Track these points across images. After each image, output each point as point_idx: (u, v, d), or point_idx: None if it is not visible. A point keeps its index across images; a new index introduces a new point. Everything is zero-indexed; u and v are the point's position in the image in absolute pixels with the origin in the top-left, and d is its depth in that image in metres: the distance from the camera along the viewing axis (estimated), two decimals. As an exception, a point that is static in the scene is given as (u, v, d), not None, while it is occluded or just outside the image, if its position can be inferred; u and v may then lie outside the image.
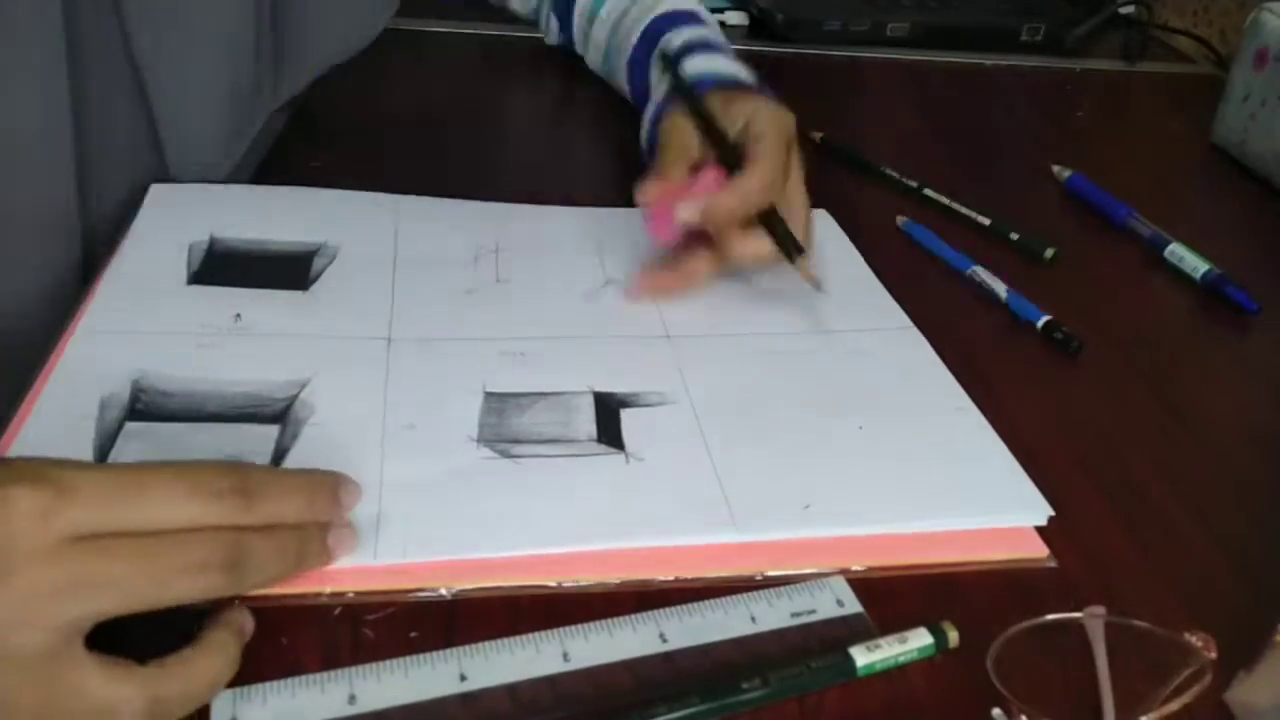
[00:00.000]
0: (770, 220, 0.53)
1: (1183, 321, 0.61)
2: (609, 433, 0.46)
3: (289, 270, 0.54)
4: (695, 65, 0.62)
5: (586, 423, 0.46)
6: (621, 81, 0.73)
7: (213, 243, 0.55)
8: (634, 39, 0.69)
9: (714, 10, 0.98)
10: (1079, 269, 0.64)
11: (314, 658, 0.36)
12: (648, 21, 0.68)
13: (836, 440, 0.47)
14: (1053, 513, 0.44)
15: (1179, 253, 0.65)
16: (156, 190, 0.59)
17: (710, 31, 0.66)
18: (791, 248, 0.53)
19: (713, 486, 0.43)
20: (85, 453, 0.41)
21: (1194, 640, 0.38)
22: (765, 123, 0.54)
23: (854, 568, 0.41)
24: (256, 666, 0.35)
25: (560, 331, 0.52)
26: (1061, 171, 0.74)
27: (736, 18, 0.99)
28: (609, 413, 0.47)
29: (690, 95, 0.58)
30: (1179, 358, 0.57)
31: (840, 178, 0.71)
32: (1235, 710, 0.37)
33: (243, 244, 0.56)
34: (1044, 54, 0.99)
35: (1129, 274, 0.65)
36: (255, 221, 0.57)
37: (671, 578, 0.40)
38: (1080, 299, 0.61)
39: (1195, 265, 0.63)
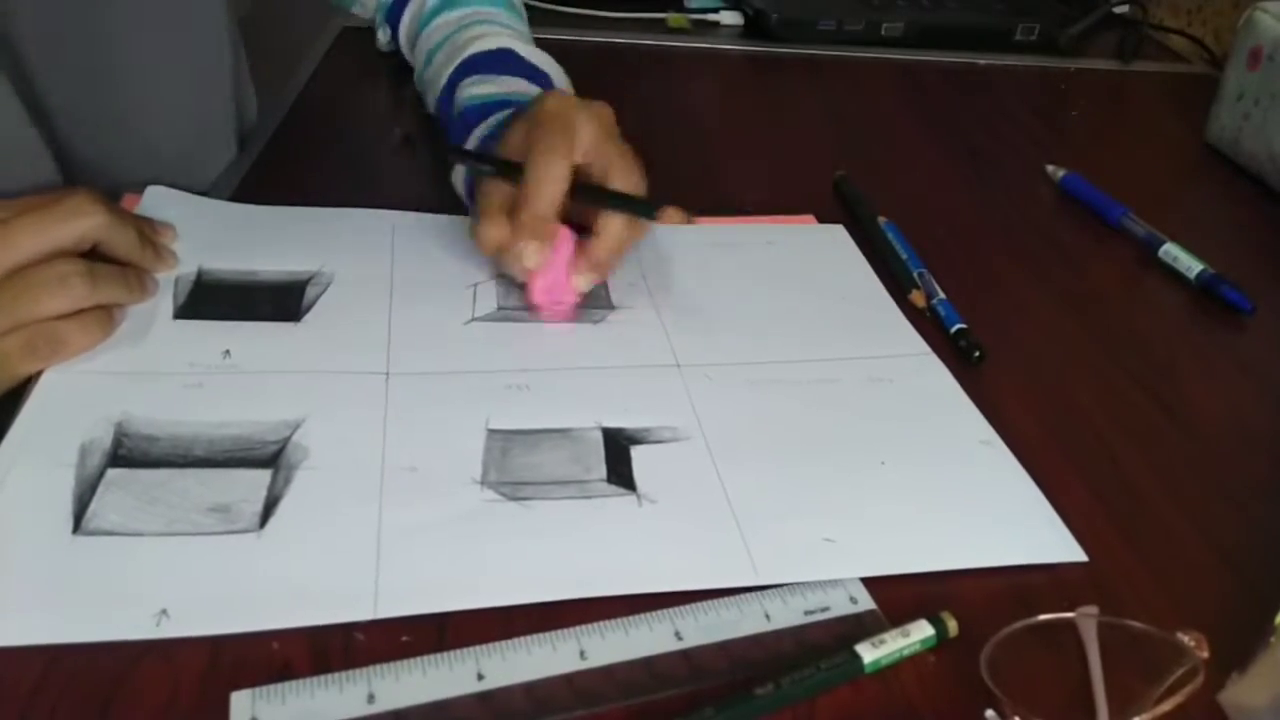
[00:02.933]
0: (614, 202, 0.52)
1: (1177, 321, 0.61)
2: (619, 472, 0.44)
3: (280, 301, 0.52)
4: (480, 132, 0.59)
5: (596, 462, 0.44)
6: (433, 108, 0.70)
7: (200, 275, 0.53)
8: (443, 82, 0.66)
9: (709, 10, 0.99)
10: (1073, 269, 0.64)
11: (304, 661, 0.36)
12: (453, 67, 0.65)
13: (858, 477, 0.45)
14: (1086, 558, 0.42)
15: (1173, 252, 0.65)
16: (153, 194, 0.58)
17: (507, 83, 0.62)
18: (642, 210, 0.51)
19: (731, 531, 0.42)
20: (64, 504, 0.40)
21: (1187, 640, 0.38)
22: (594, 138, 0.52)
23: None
24: (247, 670, 0.35)
25: (566, 361, 0.50)
26: (1056, 171, 0.74)
27: (731, 17, 0.99)
28: (619, 450, 0.45)
29: (492, 167, 0.54)
30: (1173, 357, 0.57)
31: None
32: (1229, 711, 0.37)
33: (231, 275, 0.54)
34: (1038, 53, 0.99)
35: (1123, 273, 0.65)
36: (245, 247, 0.56)
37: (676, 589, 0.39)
38: (1075, 298, 0.61)
39: (1189, 265, 0.63)
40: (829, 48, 0.95)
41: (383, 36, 0.81)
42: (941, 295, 0.58)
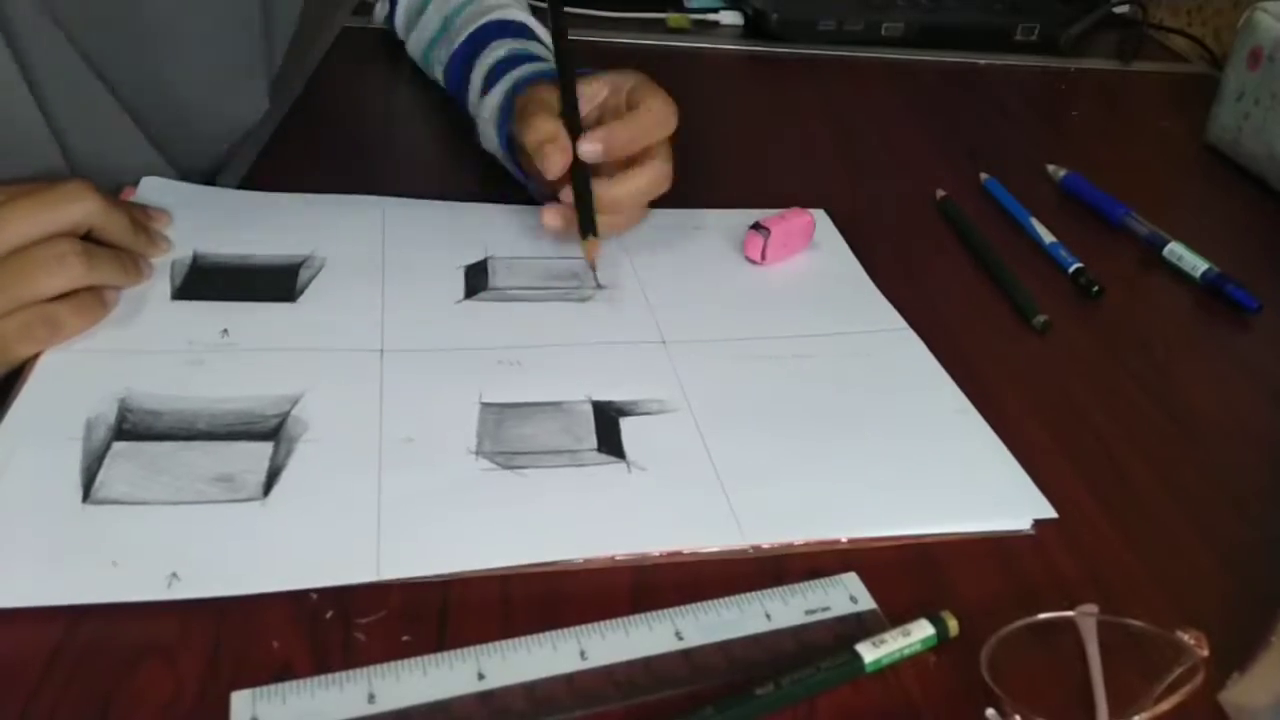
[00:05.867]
0: (579, 190, 0.54)
1: (1181, 321, 0.61)
2: (609, 442, 0.45)
3: (275, 282, 0.53)
4: (521, 72, 0.63)
5: (586, 433, 0.46)
6: (438, 73, 0.74)
7: (195, 258, 0.54)
8: (461, 38, 0.70)
9: (709, 10, 0.99)
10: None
11: (305, 661, 0.36)
12: (477, 25, 0.69)
13: (839, 445, 0.46)
14: (1056, 515, 0.44)
15: (1178, 251, 0.64)
16: (148, 184, 0.59)
17: (536, 46, 0.67)
18: (586, 227, 0.54)
19: (716, 494, 0.43)
20: (72, 475, 0.41)
21: (1186, 638, 0.38)
22: (639, 80, 0.57)
23: (842, 540, 0.42)
24: (248, 670, 0.35)
25: (556, 339, 0.52)
26: (1057, 171, 0.74)
27: (731, 17, 0.99)
28: (608, 422, 0.47)
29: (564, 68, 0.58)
30: (1177, 356, 0.57)
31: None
32: (1230, 711, 0.37)
33: (226, 258, 0.55)
34: (1038, 54, 0.99)
35: (1127, 273, 0.64)
36: (239, 232, 0.57)
37: (660, 552, 0.40)
38: (1077, 298, 0.61)
39: (1194, 264, 0.63)
40: (829, 47, 0.95)
41: (380, 11, 0.83)
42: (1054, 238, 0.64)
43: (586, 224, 0.54)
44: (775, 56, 0.94)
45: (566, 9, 0.76)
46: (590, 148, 0.54)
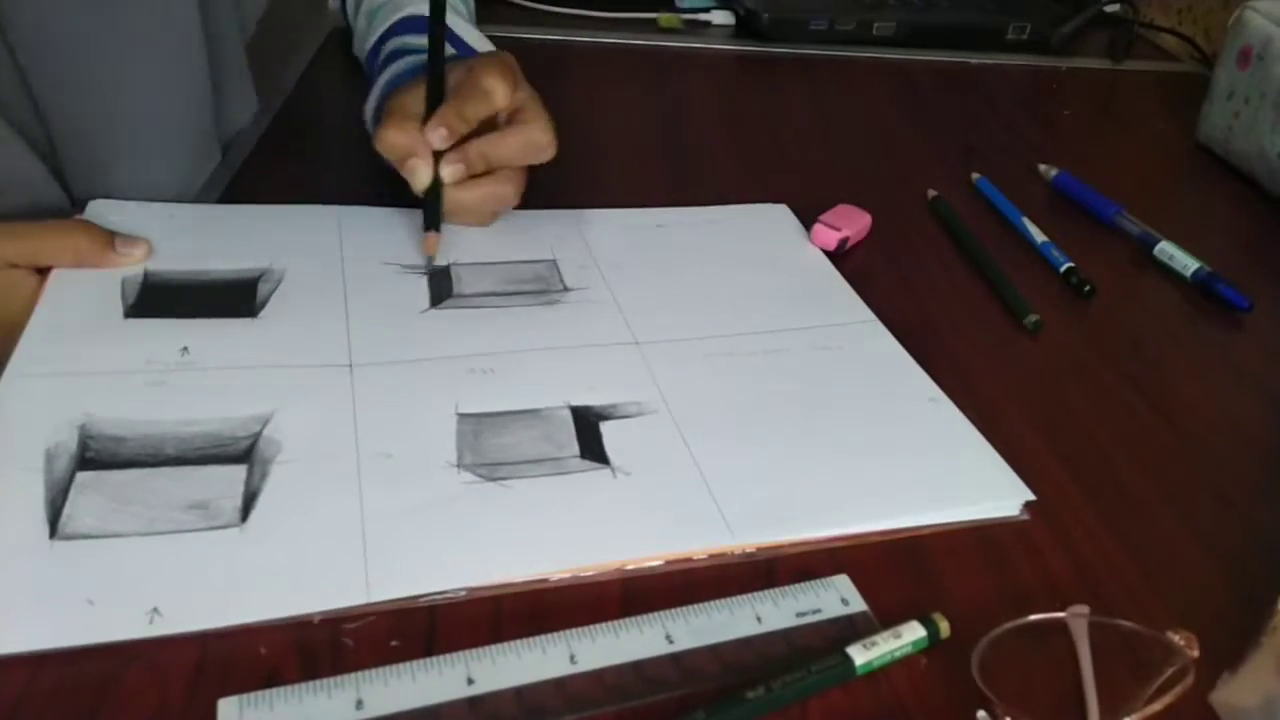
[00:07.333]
0: (429, 191, 0.56)
1: (1172, 320, 0.61)
2: (591, 448, 0.45)
3: (235, 297, 0.52)
4: (392, 72, 0.65)
5: (567, 439, 0.45)
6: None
7: (147, 275, 0.52)
8: (380, 32, 0.71)
9: (701, 10, 0.99)
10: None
11: (292, 667, 0.35)
12: (394, 19, 0.71)
13: (818, 438, 0.47)
14: (1034, 496, 0.45)
15: (1169, 250, 0.65)
16: (95, 207, 0.57)
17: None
18: (431, 220, 0.56)
19: (703, 495, 0.43)
20: (37, 510, 0.39)
21: (1177, 639, 0.38)
22: (527, 100, 0.58)
23: (835, 534, 0.42)
24: (235, 676, 0.35)
25: (527, 344, 0.51)
26: (1048, 170, 0.74)
27: (723, 17, 0.98)
28: (589, 427, 0.46)
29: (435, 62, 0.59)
30: (1168, 355, 0.57)
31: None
32: (1220, 711, 0.37)
33: (179, 275, 0.53)
34: (1030, 53, 0.99)
35: (1118, 272, 0.65)
36: (191, 247, 0.55)
37: (657, 562, 0.40)
38: (1069, 298, 0.61)
39: (1185, 263, 0.63)
40: (821, 47, 0.95)
41: (334, 2, 0.84)
42: (1045, 238, 0.64)
43: (430, 218, 0.57)
44: (767, 56, 0.94)
45: (561, 9, 0.76)
46: (450, 170, 0.56)
